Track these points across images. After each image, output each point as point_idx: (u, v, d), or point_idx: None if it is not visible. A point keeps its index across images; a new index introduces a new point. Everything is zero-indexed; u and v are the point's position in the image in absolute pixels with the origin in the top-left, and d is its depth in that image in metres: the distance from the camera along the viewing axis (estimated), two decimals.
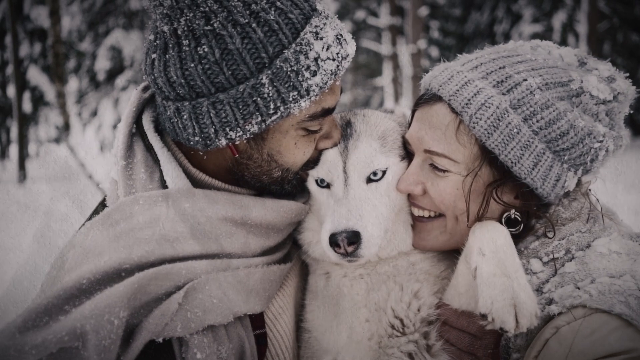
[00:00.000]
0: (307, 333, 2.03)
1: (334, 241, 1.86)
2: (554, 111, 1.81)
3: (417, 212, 2.04)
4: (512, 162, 1.83)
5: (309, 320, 2.03)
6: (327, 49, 1.75)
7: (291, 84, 1.70)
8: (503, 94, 1.83)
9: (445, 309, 1.90)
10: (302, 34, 1.71)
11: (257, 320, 1.84)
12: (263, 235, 1.89)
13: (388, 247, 2.02)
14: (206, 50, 1.67)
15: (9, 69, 18.86)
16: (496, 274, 1.65)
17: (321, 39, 1.74)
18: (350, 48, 1.84)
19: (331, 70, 1.76)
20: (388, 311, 1.94)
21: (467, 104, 1.84)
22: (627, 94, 1.92)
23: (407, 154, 2.08)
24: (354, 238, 1.85)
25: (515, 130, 1.81)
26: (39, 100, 21.33)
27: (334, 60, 1.76)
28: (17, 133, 18.75)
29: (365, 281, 2.00)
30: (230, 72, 1.68)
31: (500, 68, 1.88)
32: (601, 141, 1.85)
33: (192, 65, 1.68)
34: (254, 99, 1.70)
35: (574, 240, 1.84)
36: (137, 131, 1.91)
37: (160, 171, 1.84)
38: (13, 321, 1.47)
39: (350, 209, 1.90)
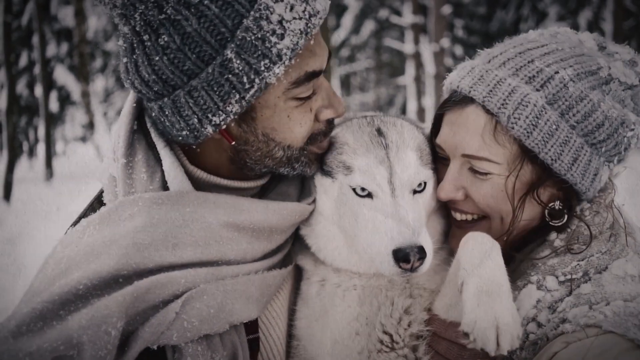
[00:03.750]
0: (296, 340, 2.01)
1: (403, 256, 1.76)
2: (588, 103, 1.79)
3: (459, 216, 1.99)
4: (552, 160, 1.80)
5: (298, 327, 2.01)
6: (291, 9, 1.66)
7: (259, 52, 1.63)
8: (537, 89, 1.81)
9: (434, 320, 1.88)
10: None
11: (251, 325, 1.81)
12: (265, 238, 1.84)
13: None
14: (166, 39, 1.63)
15: (37, 69, 19.18)
16: (481, 292, 1.61)
17: (282, 0, 1.66)
18: (320, 4, 1.73)
19: (300, 30, 1.67)
20: (377, 326, 1.90)
21: (503, 104, 1.81)
22: None
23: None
24: (422, 253, 1.77)
25: (554, 127, 1.79)
26: (65, 99, 21.68)
27: (301, 19, 1.67)
28: (44, 132, 19.07)
29: (357, 293, 1.96)
30: (195, 56, 1.64)
31: (529, 62, 1.85)
32: (633, 129, 1.84)
33: (157, 58, 1.65)
34: (226, 76, 1.64)
35: (594, 263, 1.79)
36: (138, 128, 1.86)
37: (162, 171, 1.79)
38: (5, 324, 1.44)
39: (409, 223, 1.82)
